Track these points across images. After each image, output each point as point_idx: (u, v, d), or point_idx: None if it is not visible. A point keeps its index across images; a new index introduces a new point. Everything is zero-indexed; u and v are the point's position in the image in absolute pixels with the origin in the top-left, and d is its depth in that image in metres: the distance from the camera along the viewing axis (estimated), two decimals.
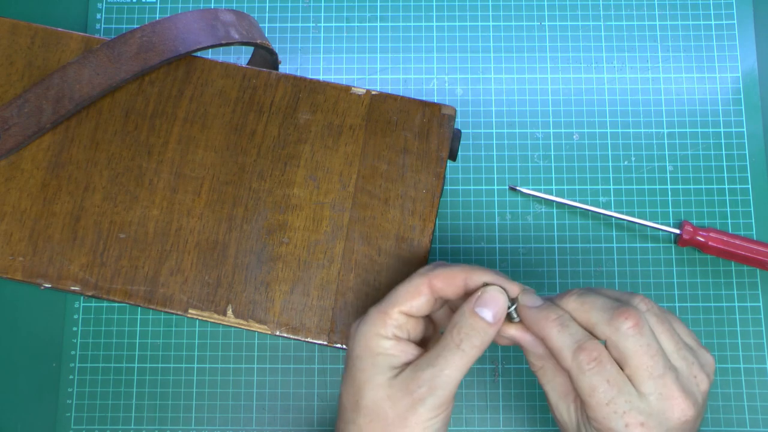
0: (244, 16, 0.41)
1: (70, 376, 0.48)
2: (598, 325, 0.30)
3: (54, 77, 0.37)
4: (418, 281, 0.31)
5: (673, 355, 0.30)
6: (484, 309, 0.30)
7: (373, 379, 0.30)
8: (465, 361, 0.30)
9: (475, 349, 0.30)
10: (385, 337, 0.31)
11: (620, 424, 0.29)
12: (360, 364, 0.31)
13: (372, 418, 0.30)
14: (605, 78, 0.52)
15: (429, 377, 0.30)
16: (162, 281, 0.37)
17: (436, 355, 0.30)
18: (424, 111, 0.38)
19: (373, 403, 0.30)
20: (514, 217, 0.50)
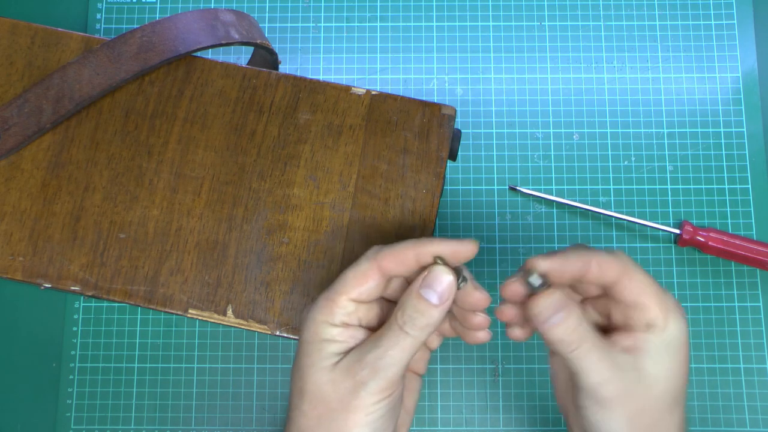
0: (244, 16, 0.41)
1: (70, 376, 0.48)
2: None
3: (54, 77, 0.37)
4: (365, 266, 0.30)
5: None
6: (428, 290, 0.29)
7: (317, 364, 0.30)
8: (409, 343, 0.29)
9: (419, 330, 0.29)
10: (332, 325, 0.30)
11: (670, 296, 0.31)
12: (306, 349, 0.30)
13: (315, 404, 0.30)
14: (605, 78, 0.52)
15: (371, 360, 0.29)
16: (162, 281, 0.37)
17: (379, 336, 0.29)
18: (424, 111, 0.38)
19: (316, 388, 0.30)
20: (514, 217, 0.50)
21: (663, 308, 0.30)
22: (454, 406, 0.47)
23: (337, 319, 0.30)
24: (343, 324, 0.30)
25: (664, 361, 0.30)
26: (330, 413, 0.29)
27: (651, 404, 0.30)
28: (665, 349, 0.30)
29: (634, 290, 0.30)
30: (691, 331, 0.48)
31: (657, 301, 0.30)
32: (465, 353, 0.48)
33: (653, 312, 0.30)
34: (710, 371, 0.47)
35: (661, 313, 0.30)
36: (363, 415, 0.29)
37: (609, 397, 0.30)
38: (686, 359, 0.31)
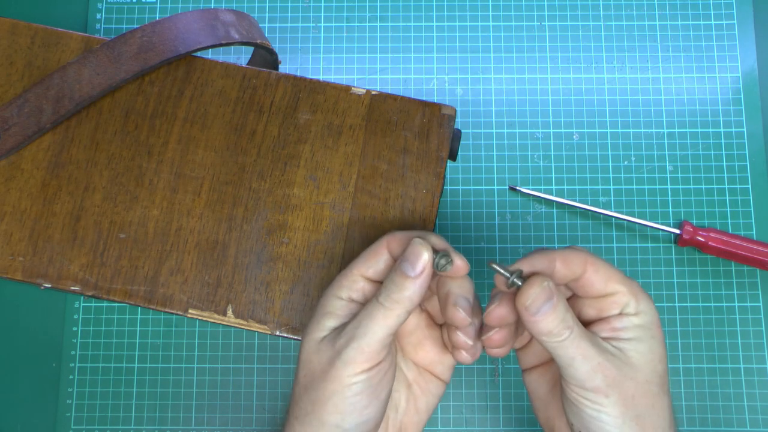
0: (244, 16, 0.41)
1: (70, 376, 0.48)
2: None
3: (54, 77, 0.37)
4: (378, 243, 0.32)
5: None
6: (405, 263, 0.30)
7: (312, 334, 0.31)
8: (382, 314, 0.29)
9: (393, 303, 0.29)
10: (338, 298, 0.31)
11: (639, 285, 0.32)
12: (311, 321, 0.31)
13: (305, 372, 0.31)
14: (605, 78, 0.52)
15: (349, 330, 0.30)
16: (162, 281, 0.37)
17: (361, 310, 0.30)
18: (424, 111, 0.38)
19: (306, 357, 0.31)
20: (514, 217, 0.50)
21: (631, 292, 0.31)
22: (454, 406, 0.47)
23: (345, 293, 0.31)
24: (348, 299, 0.31)
25: (643, 343, 0.30)
26: (313, 381, 0.30)
27: (640, 390, 0.30)
28: (642, 331, 0.30)
29: (601, 279, 0.31)
30: (691, 331, 0.48)
31: (624, 286, 0.31)
32: None
33: (624, 297, 0.31)
34: (710, 371, 0.47)
35: (632, 297, 0.30)
36: (339, 385, 0.29)
37: (601, 386, 0.30)
38: (662, 340, 0.31)
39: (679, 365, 0.47)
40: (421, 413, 0.35)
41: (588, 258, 0.31)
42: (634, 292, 0.31)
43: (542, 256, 0.31)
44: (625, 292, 0.31)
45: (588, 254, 0.31)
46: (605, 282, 0.31)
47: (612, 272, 0.31)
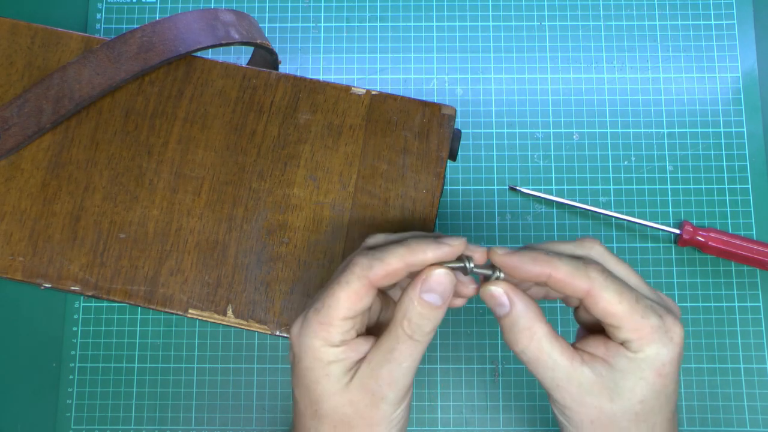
0: (244, 16, 0.41)
1: (70, 376, 0.48)
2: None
3: (54, 77, 0.37)
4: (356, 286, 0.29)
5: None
6: (430, 294, 0.29)
7: (330, 388, 0.29)
8: (420, 349, 0.29)
9: (428, 335, 0.29)
10: (332, 345, 0.29)
11: (656, 316, 0.28)
12: (312, 375, 0.30)
13: (335, 425, 0.30)
14: (605, 78, 0.52)
15: (387, 374, 0.29)
16: (162, 281, 0.37)
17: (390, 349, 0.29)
18: (424, 111, 0.38)
19: (333, 411, 0.30)
20: (514, 217, 0.49)
21: (638, 331, 0.28)
22: (454, 406, 0.47)
23: (336, 338, 0.29)
24: (342, 342, 0.29)
25: (629, 380, 0.28)
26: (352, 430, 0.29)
27: (606, 417, 0.29)
28: (634, 369, 0.28)
29: (601, 310, 0.28)
30: (690, 331, 0.48)
31: (631, 322, 0.28)
32: (465, 353, 0.48)
33: (624, 333, 0.28)
34: (710, 371, 0.47)
35: (635, 336, 0.28)
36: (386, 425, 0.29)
37: (561, 402, 0.29)
38: (662, 385, 0.29)
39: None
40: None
41: (592, 286, 0.28)
42: (642, 332, 0.28)
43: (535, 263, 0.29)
44: (627, 331, 0.28)
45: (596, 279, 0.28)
46: (606, 315, 0.28)
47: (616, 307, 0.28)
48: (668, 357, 0.28)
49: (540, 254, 0.29)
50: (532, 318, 0.29)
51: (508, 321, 0.29)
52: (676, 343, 0.28)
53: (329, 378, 0.29)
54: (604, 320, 0.29)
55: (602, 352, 0.29)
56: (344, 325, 0.29)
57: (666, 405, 0.29)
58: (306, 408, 0.31)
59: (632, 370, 0.28)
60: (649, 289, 0.30)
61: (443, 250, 0.29)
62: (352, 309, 0.29)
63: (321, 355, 0.29)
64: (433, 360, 0.48)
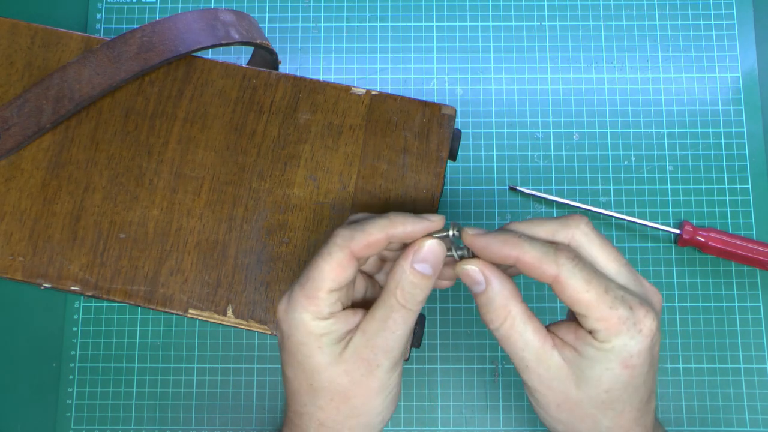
0: (244, 16, 0.41)
1: (70, 376, 0.48)
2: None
3: (54, 77, 0.37)
4: (339, 256, 0.29)
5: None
6: (422, 264, 0.29)
7: (323, 360, 0.30)
8: (413, 317, 0.30)
9: (420, 304, 0.30)
10: (322, 318, 0.30)
11: (625, 307, 0.28)
12: (305, 349, 0.30)
13: (332, 396, 0.30)
14: (605, 78, 0.52)
15: (382, 343, 0.29)
16: (162, 281, 0.37)
17: (384, 317, 0.29)
18: (424, 111, 0.38)
19: (329, 383, 0.30)
20: (514, 217, 0.50)
21: (605, 321, 0.28)
22: (454, 406, 0.47)
23: (324, 311, 0.30)
24: (330, 314, 0.30)
25: (595, 369, 0.29)
26: (349, 400, 0.30)
27: (572, 402, 0.29)
28: (600, 360, 0.28)
29: (567, 297, 0.28)
30: (691, 331, 0.48)
31: (597, 311, 0.28)
32: (465, 353, 0.48)
33: (591, 323, 0.28)
34: (710, 371, 0.47)
35: (601, 326, 0.28)
36: (385, 390, 0.30)
37: (528, 384, 0.30)
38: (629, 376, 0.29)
39: (679, 365, 0.47)
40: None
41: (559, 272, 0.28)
42: (609, 323, 0.28)
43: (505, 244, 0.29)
44: (594, 320, 0.28)
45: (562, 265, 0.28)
46: (571, 303, 0.28)
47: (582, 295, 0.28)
48: (636, 349, 0.28)
49: (510, 236, 0.29)
50: (507, 296, 0.29)
51: (484, 298, 0.29)
52: (645, 335, 0.28)
53: (322, 350, 0.30)
54: (571, 307, 0.29)
55: (572, 338, 0.29)
56: (330, 297, 0.30)
57: (634, 395, 0.29)
58: (300, 385, 0.31)
59: (599, 359, 0.28)
60: (630, 274, 0.30)
61: (423, 224, 0.30)
62: (336, 280, 0.29)
63: (312, 328, 0.30)
64: (433, 360, 0.48)
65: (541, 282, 0.32)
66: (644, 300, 0.29)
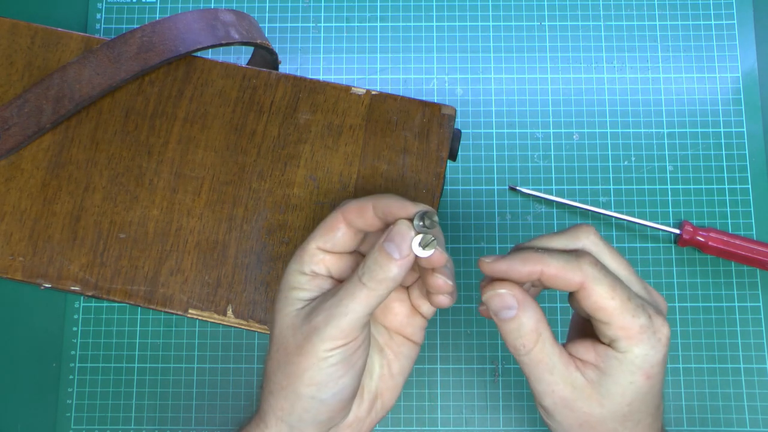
0: (244, 16, 0.41)
1: (70, 376, 0.48)
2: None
3: (54, 77, 0.37)
4: (333, 216, 0.31)
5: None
6: (390, 244, 0.29)
7: (283, 310, 0.31)
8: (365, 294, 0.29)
9: (376, 283, 0.29)
10: (301, 273, 0.31)
11: (645, 316, 0.28)
12: (278, 297, 0.31)
13: (279, 347, 0.31)
14: (605, 78, 0.52)
15: (327, 307, 0.29)
16: (162, 281, 0.37)
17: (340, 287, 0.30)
18: (424, 111, 0.38)
19: (279, 333, 0.31)
20: (514, 217, 0.50)
21: (627, 329, 0.28)
22: (454, 406, 0.47)
23: (306, 267, 0.31)
24: (311, 273, 0.31)
25: (618, 384, 0.29)
26: (287, 356, 0.30)
27: (594, 420, 0.29)
28: (623, 372, 0.29)
29: (592, 304, 0.28)
30: (691, 331, 0.48)
31: (620, 319, 0.28)
32: (465, 353, 0.48)
33: (613, 330, 0.28)
34: (710, 371, 0.47)
35: (623, 334, 0.28)
36: (315, 359, 0.29)
37: (550, 408, 0.30)
38: (649, 386, 0.29)
39: (679, 365, 0.47)
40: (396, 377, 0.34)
41: (585, 279, 0.28)
42: (631, 331, 0.28)
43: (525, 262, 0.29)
44: (617, 328, 0.28)
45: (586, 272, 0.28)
46: (597, 311, 0.28)
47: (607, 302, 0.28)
48: (656, 359, 0.28)
49: (529, 253, 0.29)
50: (538, 319, 0.29)
51: (515, 323, 0.29)
52: (663, 344, 0.29)
53: (287, 300, 0.31)
54: (594, 315, 0.29)
55: (592, 357, 0.29)
56: (317, 254, 0.31)
57: (651, 403, 0.30)
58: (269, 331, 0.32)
59: (622, 373, 0.29)
60: (639, 283, 0.30)
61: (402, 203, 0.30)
62: (323, 238, 0.31)
63: (290, 278, 0.31)
64: (433, 360, 0.48)
65: (565, 291, 0.31)
66: (657, 308, 0.29)
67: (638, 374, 0.28)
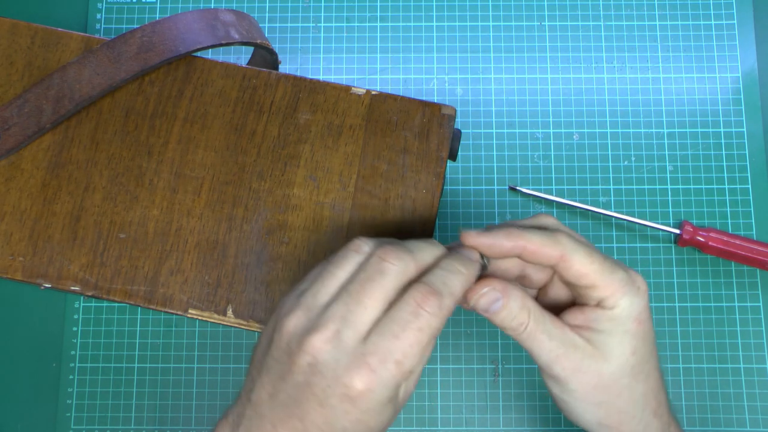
0: (244, 16, 0.41)
1: (70, 376, 0.48)
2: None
3: (54, 77, 0.37)
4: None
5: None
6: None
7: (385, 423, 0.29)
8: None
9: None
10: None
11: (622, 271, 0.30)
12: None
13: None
14: (605, 78, 0.52)
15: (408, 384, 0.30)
16: (162, 281, 0.37)
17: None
18: (424, 111, 0.38)
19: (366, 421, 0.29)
20: (514, 217, 0.49)
21: (611, 286, 0.30)
22: (454, 406, 0.47)
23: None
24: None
25: (614, 336, 0.30)
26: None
27: (605, 380, 0.30)
28: (616, 325, 0.30)
29: (575, 272, 0.30)
30: (691, 331, 0.48)
31: (603, 279, 0.30)
32: (465, 353, 0.48)
33: (599, 291, 0.30)
34: (710, 371, 0.47)
35: (608, 292, 0.30)
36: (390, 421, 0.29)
37: (561, 375, 0.31)
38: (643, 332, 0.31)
39: (679, 365, 0.47)
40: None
41: (564, 251, 0.30)
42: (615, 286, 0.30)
43: (508, 237, 0.30)
44: (601, 288, 0.30)
45: (566, 245, 0.30)
46: (579, 276, 0.30)
47: (589, 264, 0.30)
48: (641, 305, 0.30)
49: (512, 229, 0.30)
50: (523, 297, 0.30)
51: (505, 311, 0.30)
52: (644, 290, 0.31)
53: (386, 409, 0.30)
54: (577, 282, 0.30)
55: (581, 319, 0.31)
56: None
57: (653, 350, 0.32)
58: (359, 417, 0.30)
59: (615, 326, 0.30)
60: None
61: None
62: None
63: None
64: (433, 360, 0.48)
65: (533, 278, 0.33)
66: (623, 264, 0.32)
67: (630, 323, 0.30)
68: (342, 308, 0.27)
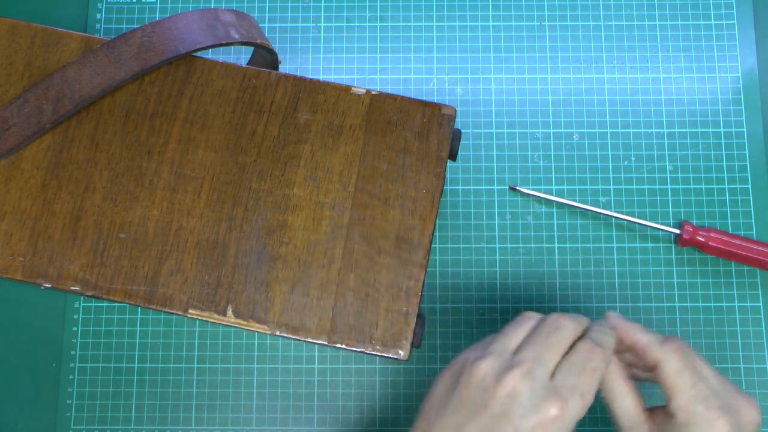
0: (244, 16, 0.41)
1: (70, 376, 0.48)
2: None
3: (54, 77, 0.37)
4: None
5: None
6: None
7: None
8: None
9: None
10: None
11: (702, 407, 0.32)
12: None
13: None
14: (605, 78, 0.52)
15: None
16: (162, 281, 0.37)
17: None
18: (424, 111, 0.38)
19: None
20: (514, 217, 0.49)
21: (684, 411, 0.32)
22: None
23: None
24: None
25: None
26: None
27: None
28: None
29: (662, 383, 0.33)
30: (691, 331, 0.48)
31: (679, 400, 0.32)
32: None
33: (671, 407, 0.32)
34: None
35: (682, 415, 0.32)
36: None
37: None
38: None
39: None
40: None
41: (664, 358, 0.33)
42: (688, 415, 0.32)
43: (631, 330, 0.34)
44: (677, 407, 0.32)
45: (666, 352, 0.33)
46: (665, 387, 0.33)
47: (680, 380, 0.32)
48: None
49: (634, 325, 0.35)
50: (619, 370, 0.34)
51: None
52: (752, 421, 0.33)
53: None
54: (663, 389, 0.33)
55: (660, 418, 0.34)
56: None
57: None
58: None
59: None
60: (725, 385, 0.34)
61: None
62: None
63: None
64: (433, 360, 0.48)
65: (648, 365, 0.35)
66: (728, 406, 0.33)
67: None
68: (532, 352, 0.32)
